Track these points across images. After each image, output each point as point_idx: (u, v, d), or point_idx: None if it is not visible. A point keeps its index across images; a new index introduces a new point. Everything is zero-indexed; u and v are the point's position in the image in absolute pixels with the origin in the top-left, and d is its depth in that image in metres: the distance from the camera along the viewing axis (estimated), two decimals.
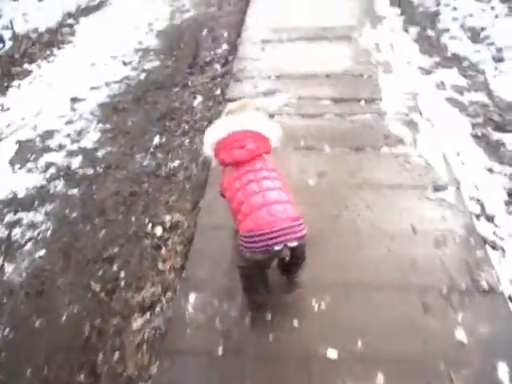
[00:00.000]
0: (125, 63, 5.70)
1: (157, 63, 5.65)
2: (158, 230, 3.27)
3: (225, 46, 5.76)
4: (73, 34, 6.72)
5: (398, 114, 3.71)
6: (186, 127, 4.27)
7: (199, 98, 4.72)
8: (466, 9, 6.08)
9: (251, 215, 1.96)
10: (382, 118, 3.67)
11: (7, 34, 6.70)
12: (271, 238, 1.88)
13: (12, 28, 6.65)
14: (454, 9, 6.15)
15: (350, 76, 4.24)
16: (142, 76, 5.40)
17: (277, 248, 1.89)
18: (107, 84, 5.29)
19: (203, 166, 3.67)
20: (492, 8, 6.13)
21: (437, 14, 6.10)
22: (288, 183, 2.22)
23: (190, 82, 5.11)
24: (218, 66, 5.28)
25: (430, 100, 4.17)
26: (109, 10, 7.48)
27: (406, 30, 5.71)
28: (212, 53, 5.68)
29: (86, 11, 7.51)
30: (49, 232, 3.35)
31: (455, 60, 5.06)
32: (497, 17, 5.88)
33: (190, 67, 5.44)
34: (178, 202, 3.45)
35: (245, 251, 1.97)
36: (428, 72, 4.77)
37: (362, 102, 3.89)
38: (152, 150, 4.05)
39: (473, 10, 6.06)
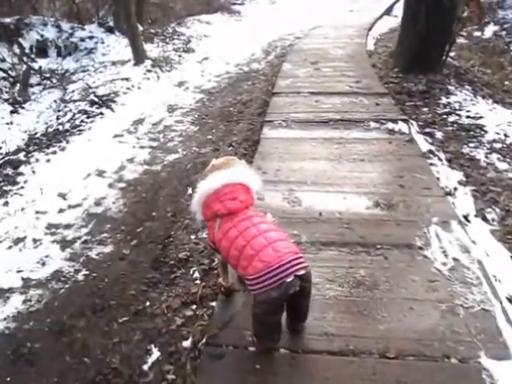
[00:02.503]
0: (62, 246, 3.63)
1: (109, 249, 3.59)
2: None
3: None
4: (13, 181, 4.72)
5: None
6: None
7: (156, 354, 2.60)
8: None
9: (258, 256, 2.07)
10: None
11: None
12: (281, 272, 2.01)
13: None
14: None
15: None
16: (80, 276, 3.33)
17: (288, 280, 2.01)
18: (24, 290, 3.20)
19: None
20: None
21: None
22: None
23: (148, 304, 2.98)
24: (196, 274, 3.20)
25: None
26: (77, 141, 5.60)
27: (484, 217, 3.63)
28: (193, 238, 3.60)
29: (47, 140, 5.61)
30: None
31: None
32: None
33: (155, 267, 3.40)
34: None
35: (258, 293, 2.07)
36: None
37: None
38: None
39: None
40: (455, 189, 4.10)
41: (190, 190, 4.44)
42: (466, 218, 3.67)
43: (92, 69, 9.02)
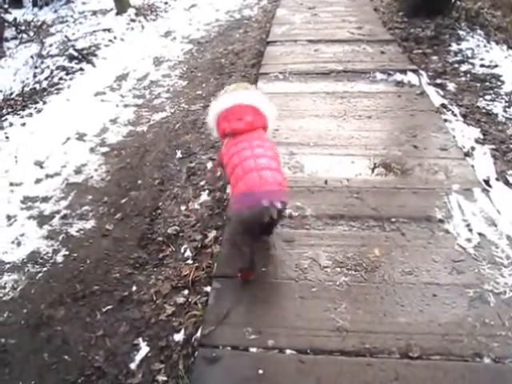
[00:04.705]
0: (40, 222, 3.26)
1: (90, 224, 3.20)
2: None
3: (205, 196, 3.34)
4: None
5: None
6: None
7: (144, 349, 2.29)
8: None
9: (243, 178, 2.13)
10: None
11: None
12: (259, 197, 2.05)
13: None
14: None
15: None
16: (59, 258, 2.96)
17: (264, 202, 2.02)
18: None
19: None
20: None
21: None
22: None
23: (134, 289, 2.63)
24: (188, 252, 2.83)
25: None
26: (55, 101, 5.09)
27: (506, 180, 3.24)
28: (183, 209, 3.20)
29: (23, 101, 5.11)
30: None
31: None
32: None
33: (142, 244, 3.02)
34: None
35: (235, 211, 2.21)
36: None
37: None
38: None
39: None
40: (473, 148, 3.68)
41: (178, 153, 3.98)
42: (486, 182, 3.25)
43: (71, 20, 8.33)
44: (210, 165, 3.77)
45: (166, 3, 8.77)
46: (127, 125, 4.67)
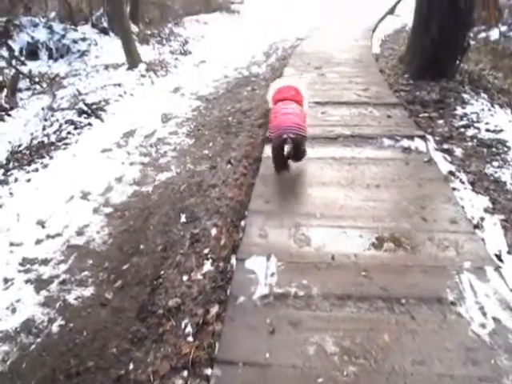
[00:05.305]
0: (37, 287, 3.20)
1: (89, 291, 3.10)
2: None
3: (208, 266, 3.19)
4: None
5: None
6: None
7: None
8: None
9: (277, 118, 3.75)
10: None
11: None
12: (281, 130, 3.66)
13: None
14: None
15: None
16: (55, 328, 2.88)
17: (284, 136, 3.65)
18: None
19: None
20: None
21: None
22: None
23: (131, 367, 2.56)
24: (189, 328, 2.74)
25: None
26: (61, 156, 5.11)
27: None
28: (185, 280, 3.09)
29: (30, 155, 5.12)
30: None
31: None
32: None
33: (141, 317, 2.90)
34: None
35: (270, 137, 3.83)
36: None
37: None
38: None
39: None
40: (482, 219, 3.60)
41: (183, 218, 3.91)
42: (498, 257, 3.15)
43: (83, 73, 8.50)
44: (214, 231, 3.68)
45: (176, 59, 8.98)
46: (132, 184, 4.63)
